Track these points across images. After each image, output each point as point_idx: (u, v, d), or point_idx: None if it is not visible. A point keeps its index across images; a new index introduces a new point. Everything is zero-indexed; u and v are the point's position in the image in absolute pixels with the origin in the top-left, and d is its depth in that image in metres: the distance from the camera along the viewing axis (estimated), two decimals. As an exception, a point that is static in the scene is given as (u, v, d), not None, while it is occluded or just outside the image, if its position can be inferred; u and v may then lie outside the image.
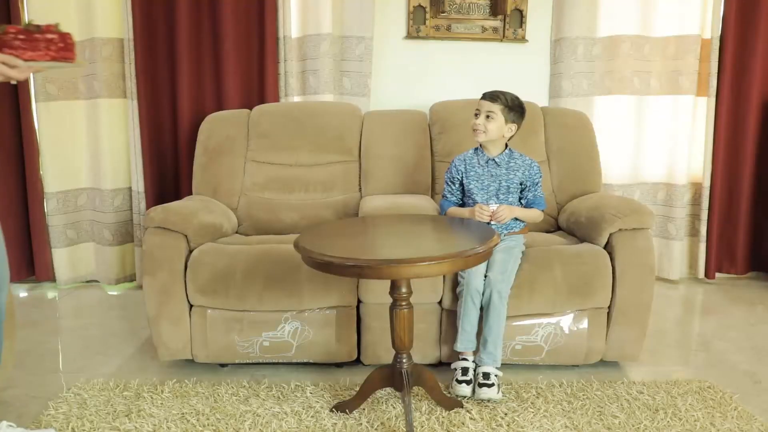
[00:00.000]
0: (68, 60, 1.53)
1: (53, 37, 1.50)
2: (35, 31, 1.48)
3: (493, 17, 3.34)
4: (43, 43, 1.49)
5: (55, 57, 1.51)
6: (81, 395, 2.17)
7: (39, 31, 1.49)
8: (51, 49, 1.50)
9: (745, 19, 3.33)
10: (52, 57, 1.50)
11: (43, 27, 1.49)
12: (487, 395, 2.09)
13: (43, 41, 1.49)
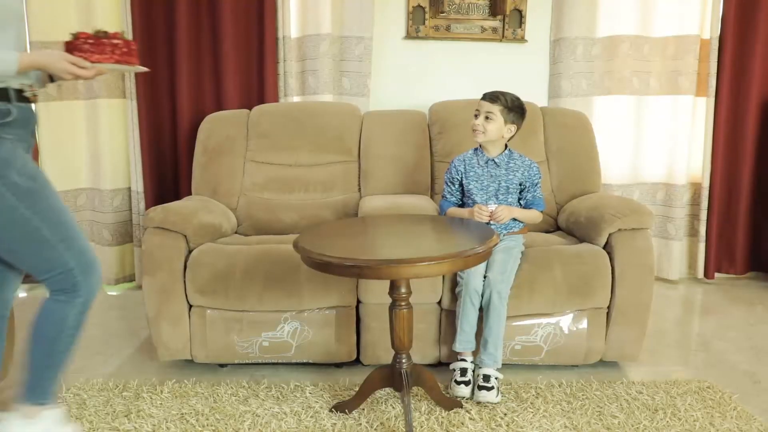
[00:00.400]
0: (130, 63, 1.66)
1: (118, 42, 1.62)
2: (103, 36, 1.60)
3: (493, 17, 3.34)
4: (108, 48, 1.61)
5: (119, 60, 1.63)
6: (80, 395, 2.17)
7: (106, 36, 1.61)
8: (115, 53, 1.62)
9: (744, 19, 3.33)
10: (116, 60, 1.62)
11: (110, 33, 1.62)
12: (485, 398, 2.09)
13: (108, 46, 1.61)
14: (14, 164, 1.54)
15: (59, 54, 1.56)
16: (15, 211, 1.54)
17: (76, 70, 1.56)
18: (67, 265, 1.60)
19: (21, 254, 1.62)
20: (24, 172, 1.55)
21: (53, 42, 3.18)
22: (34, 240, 1.57)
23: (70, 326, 1.65)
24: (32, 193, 1.56)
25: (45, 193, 1.59)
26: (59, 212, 1.60)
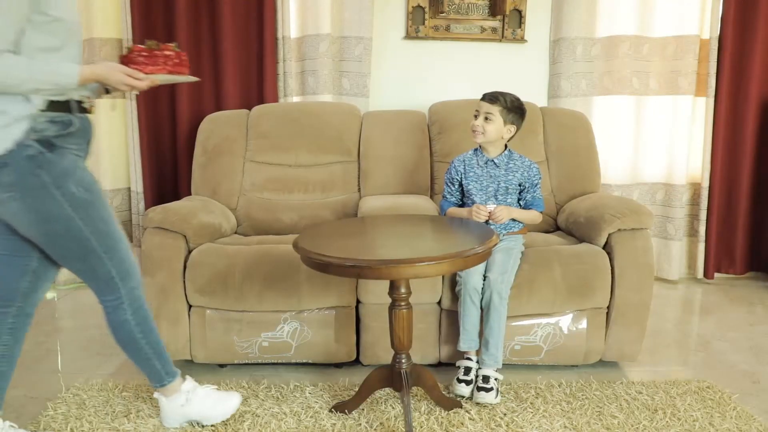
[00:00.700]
0: (182, 73, 1.73)
1: (170, 54, 1.70)
2: (155, 48, 1.68)
3: (492, 17, 3.34)
4: (161, 59, 1.69)
5: (171, 71, 1.70)
6: (80, 396, 2.17)
7: (158, 48, 1.68)
8: (168, 64, 1.69)
9: (743, 19, 3.33)
10: (169, 71, 1.70)
11: (162, 45, 1.70)
12: (484, 400, 2.09)
13: (161, 57, 1.69)
14: (74, 176, 1.64)
15: (116, 66, 1.64)
16: (71, 221, 1.64)
17: (131, 81, 1.64)
18: (109, 273, 1.74)
19: (70, 260, 1.74)
20: (81, 183, 1.65)
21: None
22: (83, 249, 1.68)
23: (136, 325, 1.81)
24: (87, 204, 1.66)
25: (97, 205, 1.68)
26: (107, 223, 1.70)
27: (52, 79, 1.56)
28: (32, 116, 1.57)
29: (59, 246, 1.69)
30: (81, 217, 1.65)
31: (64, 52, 1.62)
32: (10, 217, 1.64)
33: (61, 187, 1.61)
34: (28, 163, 1.57)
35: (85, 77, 1.59)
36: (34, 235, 1.67)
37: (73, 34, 1.64)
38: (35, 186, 1.59)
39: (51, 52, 1.59)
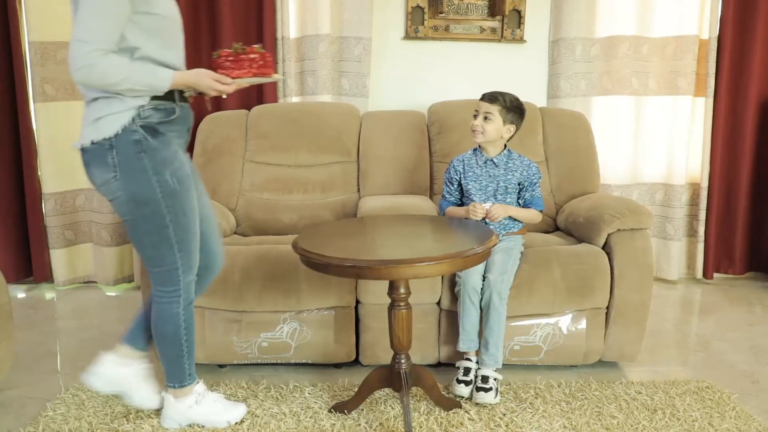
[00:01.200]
0: (266, 75, 1.79)
1: (255, 57, 1.76)
2: (241, 52, 1.75)
3: (492, 18, 3.34)
4: (246, 63, 1.76)
5: (256, 73, 1.77)
6: (79, 396, 2.17)
7: (244, 52, 1.75)
8: (253, 67, 1.76)
9: (742, 19, 3.34)
10: (254, 73, 1.77)
11: (247, 49, 1.76)
12: (483, 400, 2.09)
13: (246, 61, 1.76)
14: (171, 165, 1.75)
15: (205, 72, 1.73)
16: (158, 206, 1.74)
17: (219, 86, 1.74)
18: (175, 264, 1.80)
19: (144, 245, 1.80)
20: (175, 174, 1.75)
21: (51, 42, 3.18)
22: (160, 236, 1.77)
23: (183, 320, 1.86)
24: (175, 194, 1.75)
25: (183, 198, 1.77)
26: (187, 216, 1.78)
27: (147, 81, 1.67)
28: (141, 108, 1.70)
29: (140, 230, 1.77)
30: (167, 204, 1.74)
31: (164, 49, 1.72)
32: (110, 196, 1.75)
33: (158, 174, 1.72)
34: (133, 146, 1.70)
35: (176, 83, 1.71)
36: (123, 214, 1.78)
37: (172, 32, 1.75)
38: (136, 168, 1.70)
39: (151, 50, 1.70)
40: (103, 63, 1.60)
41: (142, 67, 1.67)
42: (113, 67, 1.62)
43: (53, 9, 3.16)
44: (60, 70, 3.22)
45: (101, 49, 1.61)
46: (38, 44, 3.17)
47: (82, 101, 3.34)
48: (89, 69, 1.60)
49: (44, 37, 3.17)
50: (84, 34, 1.60)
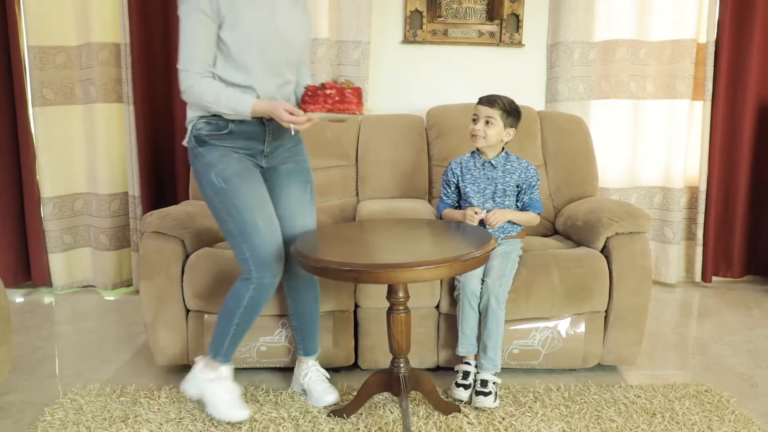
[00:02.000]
0: (343, 111, 1.85)
1: (331, 93, 1.83)
2: (320, 88, 1.83)
3: (490, 22, 3.35)
4: (321, 98, 1.84)
5: (330, 109, 1.84)
6: (77, 401, 2.16)
7: (322, 88, 1.83)
8: (327, 102, 1.83)
9: (740, 23, 3.35)
10: (328, 109, 1.84)
11: (326, 84, 1.84)
12: (482, 404, 2.09)
13: (322, 97, 1.84)
14: (215, 168, 1.93)
15: (281, 104, 1.85)
16: (212, 203, 1.96)
17: (291, 118, 1.83)
18: (244, 254, 1.94)
19: (223, 233, 2.02)
20: (221, 175, 1.93)
21: (50, 47, 3.19)
22: (224, 227, 1.97)
23: (246, 305, 1.96)
24: (222, 192, 1.93)
25: (231, 195, 1.92)
26: (242, 212, 1.92)
27: (232, 106, 1.86)
28: (196, 120, 1.95)
29: (216, 220, 2.01)
30: (220, 201, 1.94)
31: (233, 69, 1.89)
32: None
33: (206, 176, 1.95)
34: (191, 153, 1.99)
35: (256, 111, 1.87)
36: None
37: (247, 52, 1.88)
38: (196, 171, 1.99)
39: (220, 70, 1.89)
40: (198, 87, 1.85)
41: (229, 93, 1.86)
42: (205, 92, 1.86)
43: (52, 13, 3.17)
44: (59, 74, 3.23)
45: (198, 73, 1.85)
46: (37, 48, 3.17)
47: (81, 105, 3.39)
48: (189, 91, 1.87)
49: (43, 41, 3.17)
50: (182, 63, 1.86)
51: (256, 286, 1.96)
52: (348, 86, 1.83)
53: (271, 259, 1.95)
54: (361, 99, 1.87)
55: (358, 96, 1.85)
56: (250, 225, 1.93)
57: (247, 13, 1.87)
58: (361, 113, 1.87)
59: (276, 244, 1.97)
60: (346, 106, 1.83)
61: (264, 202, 1.99)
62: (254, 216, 1.94)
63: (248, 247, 1.94)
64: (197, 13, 1.82)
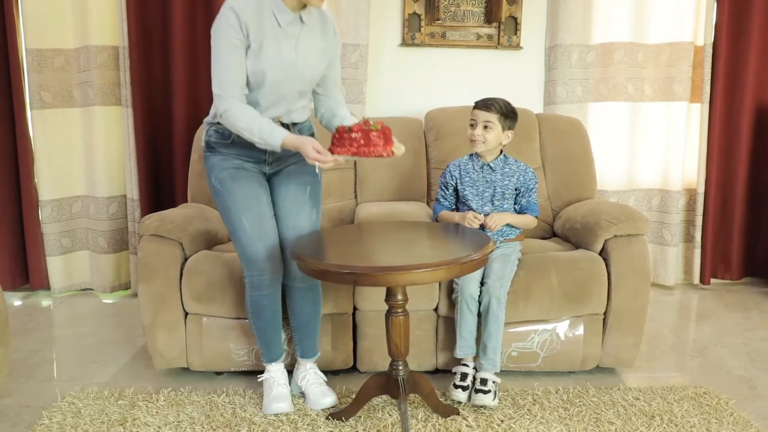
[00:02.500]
0: (365, 155, 1.86)
1: (356, 136, 1.84)
2: (347, 131, 1.85)
3: (488, 25, 3.36)
4: (347, 141, 1.85)
5: (355, 152, 1.85)
6: (75, 404, 2.16)
7: (349, 131, 1.85)
8: (353, 146, 1.85)
9: (737, 26, 3.36)
10: (353, 153, 1.85)
11: (353, 127, 1.85)
12: (482, 402, 2.09)
13: (348, 140, 1.85)
14: (215, 170, 2.05)
15: (310, 142, 1.86)
16: (216, 203, 2.09)
17: (318, 156, 1.84)
18: (237, 250, 2.06)
19: None
20: (218, 177, 2.04)
21: (48, 50, 3.18)
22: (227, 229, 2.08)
23: (248, 305, 2.08)
24: (218, 193, 2.05)
25: (225, 196, 2.03)
26: (232, 212, 2.02)
27: (263, 136, 1.90)
28: (209, 125, 2.06)
29: None
30: (217, 202, 2.07)
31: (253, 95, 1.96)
32: None
33: (209, 178, 2.08)
34: (204, 155, 2.10)
35: (286, 144, 1.89)
36: None
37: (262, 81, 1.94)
38: (206, 173, 2.10)
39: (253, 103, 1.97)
40: (232, 111, 1.90)
41: (263, 123, 1.90)
42: (238, 118, 1.90)
43: (50, 16, 3.16)
44: (57, 77, 3.22)
45: (232, 97, 1.90)
46: (35, 51, 3.17)
47: (79, 108, 3.39)
48: (225, 115, 1.91)
49: (41, 44, 3.17)
50: (216, 86, 1.91)
51: (249, 285, 2.05)
52: (375, 128, 1.84)
53: (256, 257, 2.01)
54: (389, 140, 1.88)
55: (385, 138, 1.86)
56: (238, 224, 2.02)
57: (269, 47, 1.91)
58: (388, 155, 1.87)
59: (263, 243, 2.02)
60: (372, 149, 1.85)
61: (254, 203, 2.03)
62: (241, 216, 2.01)
63: (238, 246, 2.04)
64: (230, 40, 1.87)
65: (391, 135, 1.89)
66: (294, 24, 1.96)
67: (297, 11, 1.95)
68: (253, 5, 1.89)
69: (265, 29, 1.90)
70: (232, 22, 1.85)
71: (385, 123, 3.00)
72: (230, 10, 1.86)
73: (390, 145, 1.87)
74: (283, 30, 1.93)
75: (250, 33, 1.88)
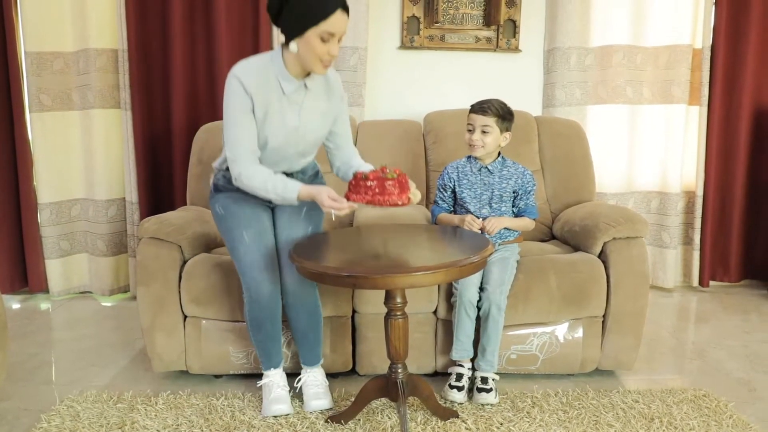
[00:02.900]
0: (381, 204, 1.85)
1: (372, 185, 1.84)
2: (362, 179, 1.85)
3: (487, 27, 3.36)
4: (363, 189, 1.85)
5: (370, 201, 1.84)
6: (74, 407, 2.15)
7: (364, 179, 1.85)
8: (368, 194, 1.84)
9: (735, 28, 3.36)
10: (368, 201, 1.84)
11: (369, 175, 1.85)
12: (485, 400, 2.12)
13: (363, 187, 1.85)
14: (219, 201, 2.14)
15: (326, 190, 1.89)
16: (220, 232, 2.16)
17: (333, 204, 1.86)
18: (237, 265, 2.09)
19: None
20: (222, 204, 2.12)
21: (47, 53, 3.19)
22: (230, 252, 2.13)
23: (246, 317, 2.08)
24: (222, 218, 2.12)
25: (228, 218, 2.09)
26: (233, 229, 2.07)
27: (278, 192, 1.94)
28: (218, 171, 2.16)
29: None
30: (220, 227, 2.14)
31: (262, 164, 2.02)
32: None
33: (213, 208, 2.16)
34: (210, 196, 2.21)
35: (301, 196, 1.93)
36: None
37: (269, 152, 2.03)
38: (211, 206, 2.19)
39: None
40: (246, 173, 1.96)
41: (277, 180, 1.95)
42: (252, 178, 1.95)
43: (50, 19, 3.16)
44: (56, 80, 3.22)
45: (246, 160, 1.96)
46: (34, 54, 3.17)
47: (78, 111, 3.39)
48: (240, 178, 1.97)
49: (40, 47, 3.17)
50: (229, 151, 1.97)
51: (248, 298, 2.05)
52: (392, 176, 1.84)
53: (255, 266, 2.02)
54: (405, 188, 1.87)
55: (400, 187, 1.85)
56: (238, 238, 2.05)
57: (274, 115, 1.99)
58: (403, 204, 1.86)
59: (261, 253, 2.04)
60: (387, 198, 1.84)
61: (255, 220, 2.08)
62: (242, 231, 2.05)
63: (237, 259, 2.06)
64: (238, 105, 1.95)
65: (408, 182, 1.89)
66: (298, 91, 2.01)
67: (301, 79, 2.00)
68: (258, 73, 1.95)
69: (270, 97, 1.97)
70: (237, 89, 1.93)
71: (383, 126, 3.00)
72: (234, 78, 1.94)
73: (405, 193, 1.87)
74: (288, 97, 2.00)
75: (254, 100, 1.94)
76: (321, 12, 1.83)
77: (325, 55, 1.89)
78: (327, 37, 1.86)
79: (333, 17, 1.84)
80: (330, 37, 1.86)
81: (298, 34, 1.87)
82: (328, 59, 1.91)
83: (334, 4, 1.84)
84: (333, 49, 1.89)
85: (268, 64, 1.98)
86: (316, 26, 1.84)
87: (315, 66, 1.92)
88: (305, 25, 1.85)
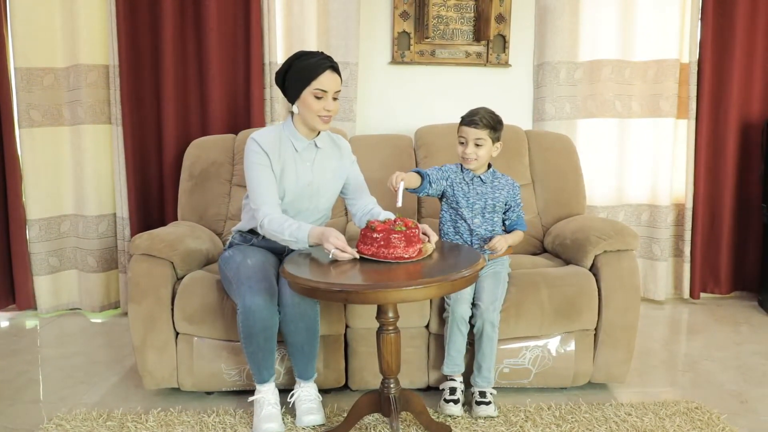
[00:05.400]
0: (383, 257, 1.87)
1: (377, 237, 1.88)
2: (370, 230, 1.90)
3: (477, 43, 3.39)
4: (369, 240, 1.90)
5: (374, 253, 1.88)
6: (63, 426, 2.12)
7: (372, 230, 1.89)
8: (373, 245, 1.89)
9: (721, 43, 3.41)
10: (372, 253, 1.89)
11: (377, 227, 1.89)
12: (486, 412, 2.13)
13: (369, 238, 1.90)
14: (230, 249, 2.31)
15: (334, 235, 1.97)
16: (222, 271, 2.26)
17: (337, 252, 1.92)
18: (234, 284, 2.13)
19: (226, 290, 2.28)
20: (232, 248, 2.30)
21: (36, 68, 3.18)
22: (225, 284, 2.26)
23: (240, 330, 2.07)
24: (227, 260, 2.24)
25: (235, 256, 2.22)
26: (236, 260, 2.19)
27: (294, 234, 2.06)
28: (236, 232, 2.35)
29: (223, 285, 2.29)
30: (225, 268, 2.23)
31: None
32: None
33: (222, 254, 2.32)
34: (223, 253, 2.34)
35: (312, 236, 2.04)
36: None
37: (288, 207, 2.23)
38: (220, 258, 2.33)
39: None
40: (267, 221, 2.11)
41: (291, 222, 2.09)
42: (273, 223, 2.10)
43: (40, 35, 3.16)
44: (46, 96, 3.22)
45: (269, 207, 2.13)
46: (24, 70, 3.16)
47: (68, 127, 3.37)
48: (263, 224, 2.12)
49: (30, 62, 3.17)
50: (253, 203, 2.17)
51: (240, 307, 2.05)
52: (399, 229, 1.87)
53: (250, 278, 2.07)
54: (412, 242, 1.89)
55: (407, 240, 1.87)
56: (242, 263, 2.15)
57: (290, 171, 2.20)
58: (410, 257, 1.87)
59: (262, 272, 2.11)
60: (391, 251, 1.87)
61: (260, 254, 2.21)
62: (246, 258, 2.18)
63: (232, 271, 2.15)
64: (258, 162, 2.16)
65: (419, 234, 1.93)
66: (309, 149, 2.26)
67: (311, 139, 2.25)
68: (273, 136, 2.21)
69: (285, 156, 2.20)
70: (256, 149, 2.16)
71: (374, 140, 2.99)
72: (252, 140, 2.19)
73: (412, 246, 1.89)
74: (300, 154, 2.23)
75: (271, 158, 2.17)
76: (312, 74, 2.12)
77: (321, 111, 2.15)
78: (320, 95, 2.13)
79: (323, 77, 2.12)
80: (323, 94, 2.14)
81: (297, 97, 2.16)
82: (325, 114, 2.16)
83: (323, 66, 2.13)
84: (328, 104, 2.15)
85: (281, 129, 2.24)
86: (309, 86, 2.12)
87: (315, 122, 2.17)
88: (300, 87, 2.14)
